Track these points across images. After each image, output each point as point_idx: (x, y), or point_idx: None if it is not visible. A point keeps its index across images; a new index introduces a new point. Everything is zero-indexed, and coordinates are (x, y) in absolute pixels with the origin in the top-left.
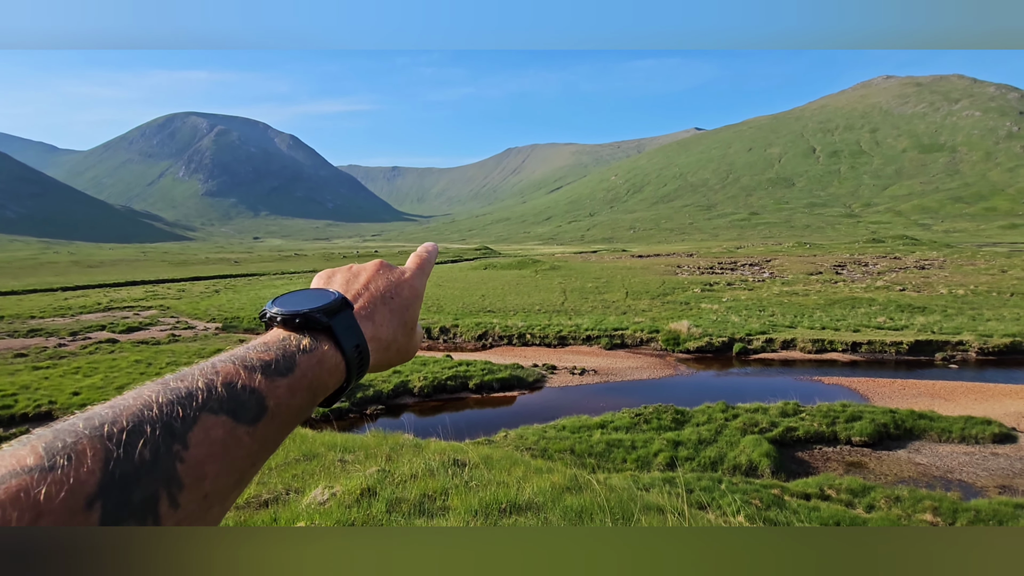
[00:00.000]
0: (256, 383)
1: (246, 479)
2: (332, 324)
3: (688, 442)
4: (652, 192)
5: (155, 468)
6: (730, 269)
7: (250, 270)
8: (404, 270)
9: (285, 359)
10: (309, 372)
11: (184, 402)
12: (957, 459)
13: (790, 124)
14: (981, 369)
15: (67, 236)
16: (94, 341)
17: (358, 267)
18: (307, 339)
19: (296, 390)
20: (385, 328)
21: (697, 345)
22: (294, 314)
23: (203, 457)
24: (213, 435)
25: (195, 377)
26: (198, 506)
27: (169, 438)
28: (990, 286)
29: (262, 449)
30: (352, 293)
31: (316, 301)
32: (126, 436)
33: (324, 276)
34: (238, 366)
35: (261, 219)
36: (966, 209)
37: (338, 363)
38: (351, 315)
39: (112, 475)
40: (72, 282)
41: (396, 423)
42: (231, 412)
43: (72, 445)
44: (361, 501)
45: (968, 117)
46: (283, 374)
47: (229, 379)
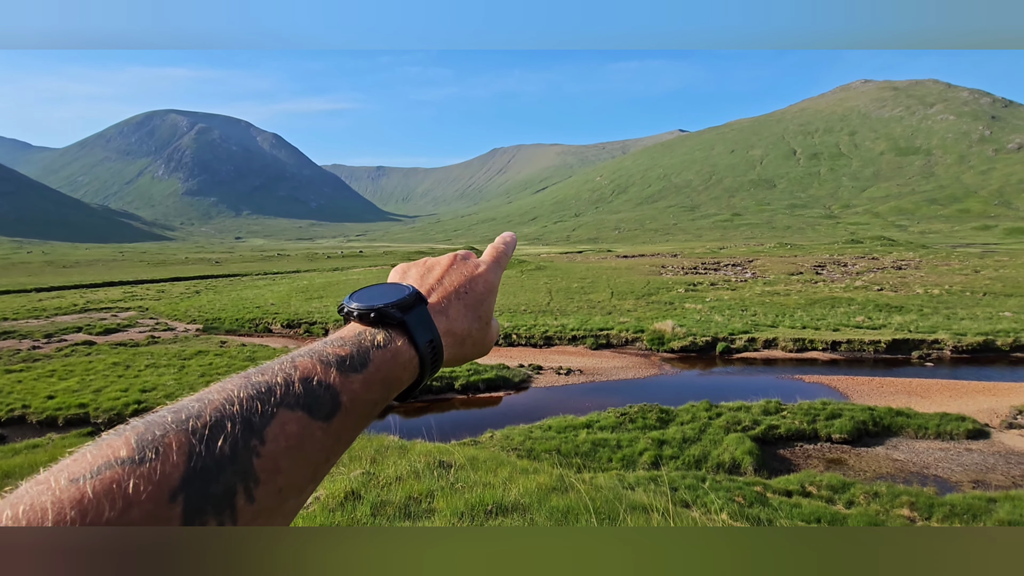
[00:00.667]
0: (331, 379)
1: (321, 473)
2: (406, 319)
3: (673, 441)
4: (637, 193)
5: (233, 462)
6: (713, 269)
7: (232, 270)
8: (479, 263)
9: (360, 354)
10: (383, 367)
11: (263, 397)
12: (933, 455)
13: (771, 126)
14: (955, 367)
15: (41, 235)
16: (70, 343)
17: (432, 261)
18: (382, 334)
19: (370, 385)
20: (460, 323)
21: (681, 345)
22: (370, 309)
23: (278, 452)
24: (289, 430)
25: (275, 372)
26: (273, 499)
27: (247, 433)
28: (964, 286)
29: (336, 444)
30: (427, 287)
31: (391, 296)
32: (208, 431)
33: (400, 270)
34: (315, 361)
35: (243, 219)
36: (941, 211)
37: (412, 358)
38: (425, 310)
39: (194, 469)
40: (46, 283)
41: (381, 424)
42: (307, 407)
43: (160, 438)
44: (345, 504)
45: (943, 121)
46: (357, 369)
47: (306, 374)
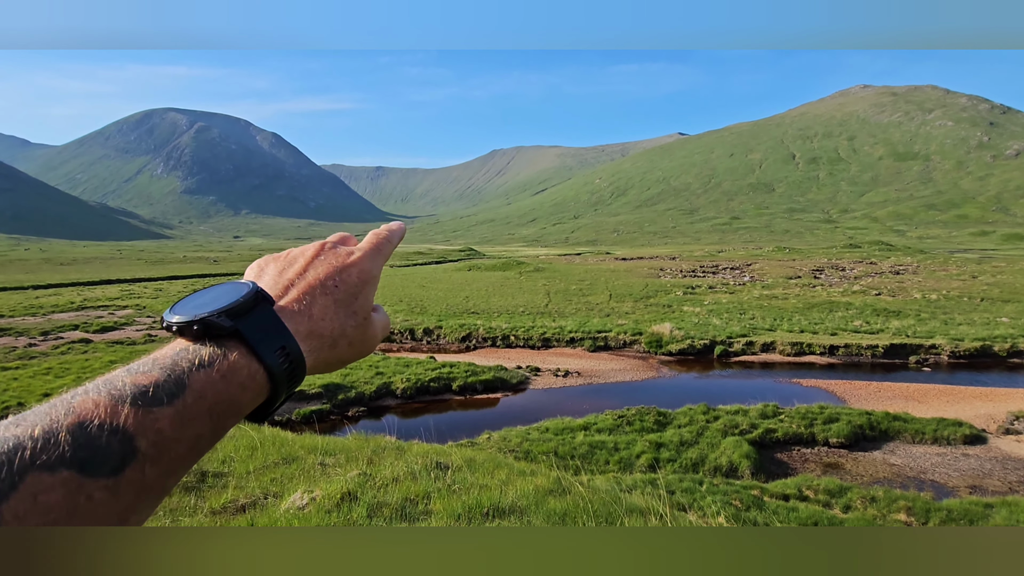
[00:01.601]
0: (121, 420)
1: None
2: (240, 328)
3: (670, 444)
4: (636, 196)
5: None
6: (712, 272)
7: (230, 269)
8: (352, 251)
9: (170, 380)
10: (208, 391)
11: (3, 460)
12: (930, 460)
13: (771, 130)
14: (952, 372)
15: (39, 233)
16: (66, 341)
17: (296, 252)
18: (208, 350)
19: (186, 419)
20: (328, 321)
21: (679, 347)
22: (191, 321)
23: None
24: (44, 501)
25: (33, 422)
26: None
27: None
28: (961, 291)
29: (137, 501)
30: (284, 283)
31: (221, 300)
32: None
33: (256, 267)
34: (101, 397)
35: (241, 218)
36: (939, 216)
37: (254, 373)
38: (271, 312)
39: None
40: (44, 280)
41: (378, 425)
42: (77, 465)
43: None
44: (341, 505)
45: (941, 127)
46: (163, 401)
47: (82, 418)
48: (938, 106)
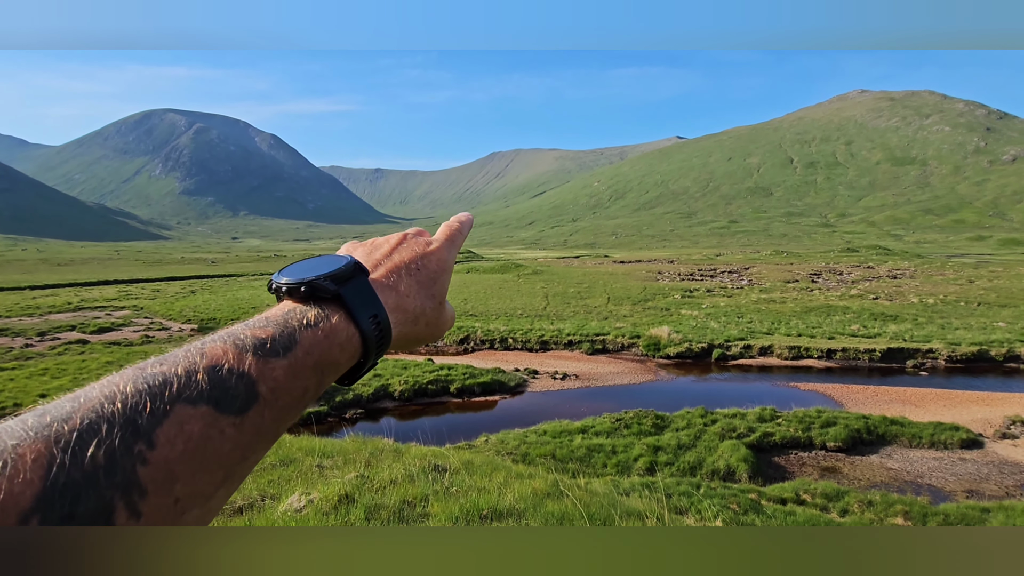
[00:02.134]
0: (246, 366)
1: (236, 476)
2: (342, 292)
3: (668, 447)
4: (634, 199)
5: (110, 473)
6: (710, 276)
7: (228, 271)
8: (431, 241)
9: (284, 336)
10: (314, 349)
11: (156, 392)
12: (927, 464)
13: (769, 135)
14: (950, 376)
15: (36, 233)
16: (63, 341)
17: (381, 239)
18: (313, 311)
19: (297, 371)
20: (411, 298)
21: (677, 351)
22: (299, 283)
23: (174, 456)
24: (189, 430)
25: (176, 361)
26: (167, 512)
27: (131, 436)
28: (958, 296)
29: (256, 440)
30: (373, 261)
31: (325, 267)
32: (76, 437)
33: (347, 247)
34: (228, 346)
35: (240, 219)
36: (936, 221)
37: (351, 336)
38: (367, 282)
39: (54, 485)
40: (40, 280)
41: (376, 427)
42: (213, 401)
43: (12, 448)
44: (339, 508)
45: (938, 132)
46: (280, 354)
47: (215, 362)
48: (935, 111)
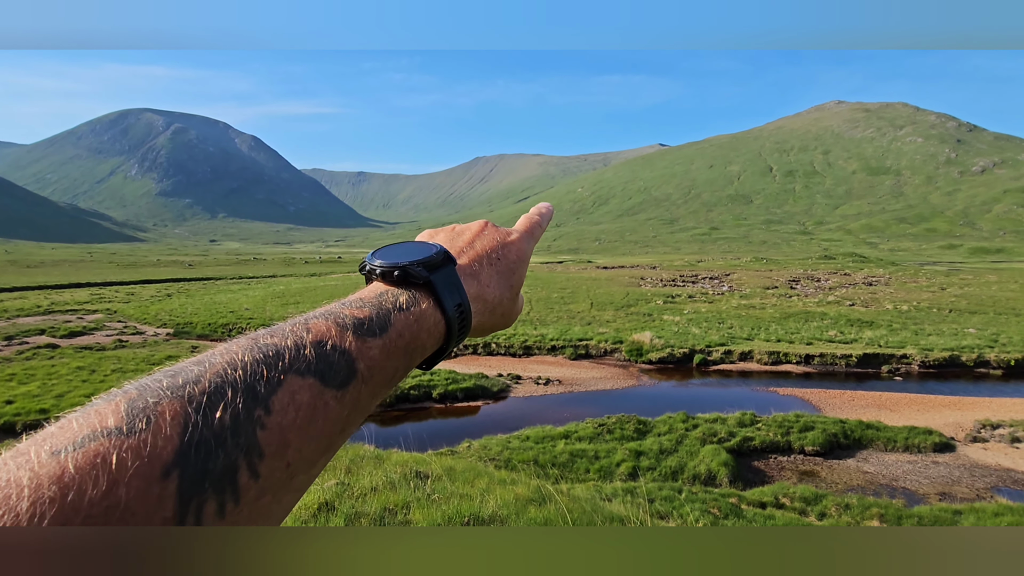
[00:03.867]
0: (347, 343)
1: (335, 446)
2: (432, 279)
3: (650, 452)
4: (617, 205)
5: (235, 435)
6: (691, 282)
7: (205, 274)
8: (510, 231)
9: (380, 317)
10: (406, 332)
11: (271, 362)
12: (901, 467)
13: (749, 143)
14: (923, 381)
15: (4, 234)
16: (32, 346)
17: (462, 227)
18: (405, 295)
19: (391, 351)
20: (491, 288)
21: (659, 356)
22: (393, 267)
23: (287, 423)
24: (299, 400)
25: (285, 334)
26: (281, 475)
27: (252, 402)
28: (931, 302)
29: (353, 414)
30: (456, 249)
31: (417, 254)
32: (207, 399)
33: (427, 234)
34: (330, 323)
35: (218, 221)
36: (909, 229)
37: (438, 322)
38: (454, 271)
39: (190, 443)
40: (8, 283)
41: (356, 434)
42: (319, 374)
43: (153, 406)
44: (318, 516)
45: (911, 143)
46: (376, 334)
47: (320, 338)
48: (909, 123)
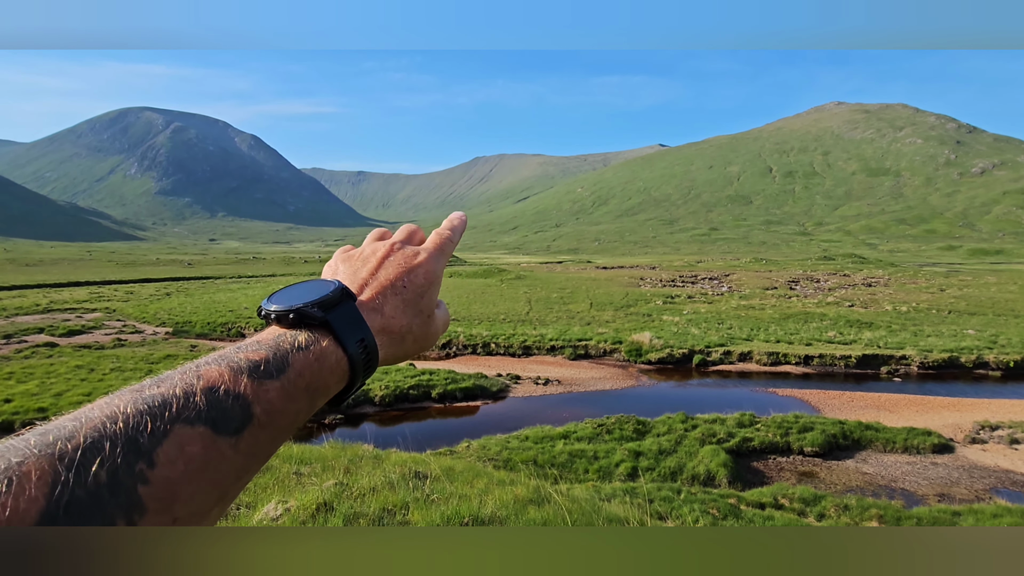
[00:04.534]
0: (241, 387)
1: (230, 496)
2: (330, 319)
3: (649, 452)
4: (617, 205)
5: (114, 492)
6: (691, 282)
7: (204, 273)
8: (418, 251)
9: (277, 358)
10: (305, 371)
11: (156, 412)
12: (900, 468)
13: (749, 144)
14: (922, 382)
15: (3, 232)
16: (31, 345)
17: (369, 251)
18: (304, 335)
19: (290, 393)
20: (397, 319)
21: (659, 356)
22: (288, 310)
23: (175, 477)
24: (188, 451)
25: (174, 383)
26: None
27: (133, 456)
28: (930, 304)
29: (249, 461)
30: (359, 283)
31: (313, 294)
32: (80, 455)
33: (331, 266)
34: (223, 368)
35: (218, 220)
36: (909, 231)
37: (340, 360)
38: (353, 307)
39: (57, 503)
40: (7, 281)
41: (355, 433)
42: (211, 422)
43: (16, 466)
44: (317, 516)
45: (911, 144)
46: (273, 376)
47: (211, 384)
48: (908, 124)
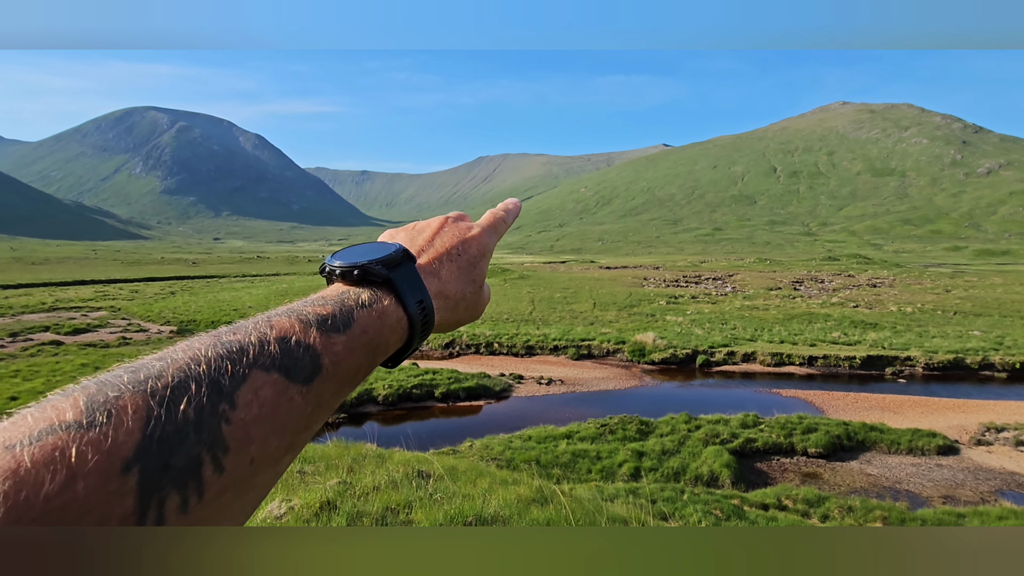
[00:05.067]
0: (311, 339)
1: (299, 442)
2: (392, 277)
3: (652, 453)
4: (621, 205)
5: (199, 429)
6: (694, 283)
7: (209, 272)
8: (472, 225)
9: (343, 314)
10: (369, 328)
11: (235, 357)
12: (905, 470)
13: (753, 144)
14: (927, 384)
15: (9, 231)
16: (36, 343)
17: (423, 224)
18: (367, 293)
19: (354, 348)
20: (452, 284)
21: (662, 357)
22: (352, 266)
23: (251, 418)
24: (263, 395)
25: (249, 331)
26: (245, 470)
27: (216, 396)
28: (935, 305)
29: (317, 411)
30: (416, 248)
31: (376, 253)
32: (170, 393)
33: (388, 235)
34: (294, 320)
35: (222, 219)
36: (914, 231)
37: (400, 319)
38: (414, 269)
39: (151, 437)
40: (13, 280)
41: (359, 432)
42: (284, 370)
43: (114, 400)
44: (320, 515)
45: (916, 144)
46: (340, 330)
47: (283, 334)
48: (914, 124)
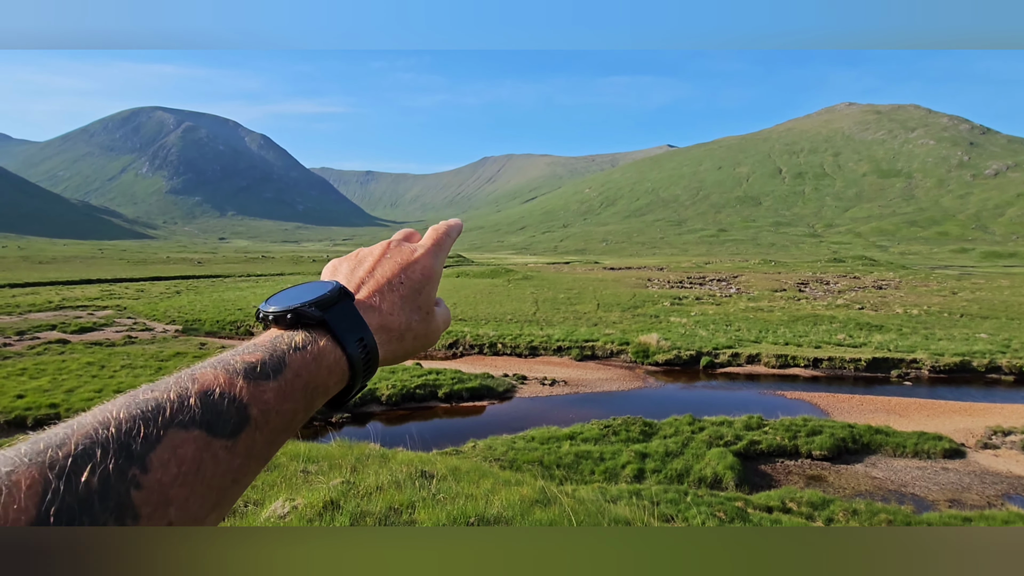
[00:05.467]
0: (237, 390)
1: (227, 499)
2: (327, 318)
3: (655, 454)
4: (625, 206)
5: (104, 498)
6: (699, 284)
7: (214, 271)
8: (415, 248)
9: (273, 360)
10: (303, 372)
11: (149, 417)
12: (910, 473)
13: (758, 145)
14: (933, 386)
15: (17, 230)
16: (43, 341)
17: (365, 252)
18: (301, 335)
19: (287, 394)
20: (396, 316)
21: (666, 358)
22: (285, 310)
23: (168, 479)
24: (182, 453)
25: (168, 387)
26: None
27: (125, 461)
28: (942, 307)
29: (247, 464)
30: (356, 281)
31: (310, 294)
32: (71, 463)
33: (331, 267)
34: (219, 371)
35: (227, 219)
36: (920, 233)
37: (339, 359)
38: (351, 306)
39: (47, 511)
40: (21, 278)
41: (362, 432)
42: (206, 425)
43: (7, 476)
44: (324, 514)
45: (923, 145)
46: (270, 377)
47: (206, 387)
48: (920, 125)
